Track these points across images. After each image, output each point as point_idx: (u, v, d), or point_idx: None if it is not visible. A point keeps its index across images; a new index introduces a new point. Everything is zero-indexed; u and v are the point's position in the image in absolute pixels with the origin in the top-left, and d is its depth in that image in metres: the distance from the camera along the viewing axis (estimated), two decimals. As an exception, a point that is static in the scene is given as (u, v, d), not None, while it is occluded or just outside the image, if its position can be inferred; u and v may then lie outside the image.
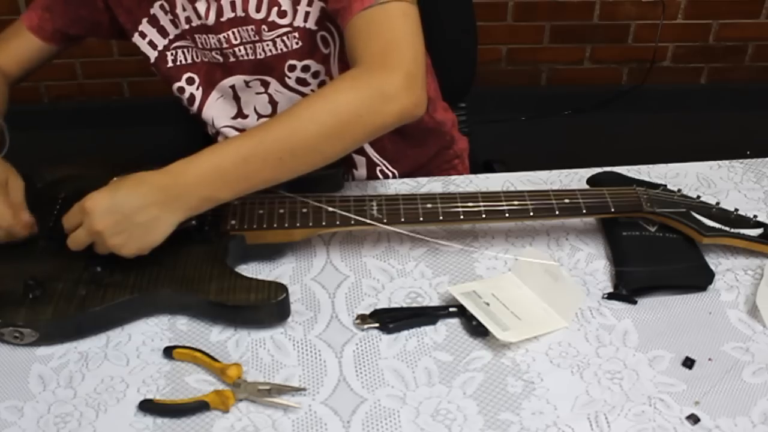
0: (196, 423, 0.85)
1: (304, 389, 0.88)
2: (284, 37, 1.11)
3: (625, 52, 2.68)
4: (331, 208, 1.02)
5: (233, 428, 0.84)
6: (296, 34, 1.11)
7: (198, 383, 0.89)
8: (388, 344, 0.94)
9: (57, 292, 0.93)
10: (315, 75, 1.16)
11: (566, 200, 1.04)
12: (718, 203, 1.07)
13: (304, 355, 0.92)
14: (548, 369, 0.91)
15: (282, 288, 0.94)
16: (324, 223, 1.01)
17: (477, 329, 0.94)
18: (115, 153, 1.11)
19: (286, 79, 1.16)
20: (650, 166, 1.22)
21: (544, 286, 0.99)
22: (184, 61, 1.19)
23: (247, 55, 1.14)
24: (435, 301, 0.99)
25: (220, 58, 1.16)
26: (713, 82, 2.74)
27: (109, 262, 0.95)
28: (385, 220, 1.02)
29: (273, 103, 1.20)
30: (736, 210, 1.06)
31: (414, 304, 0.99)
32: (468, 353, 0.93)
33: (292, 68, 1.15)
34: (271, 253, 1.05)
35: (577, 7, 2.59)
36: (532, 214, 1.03)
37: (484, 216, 1.03)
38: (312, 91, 1.17)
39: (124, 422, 0.84)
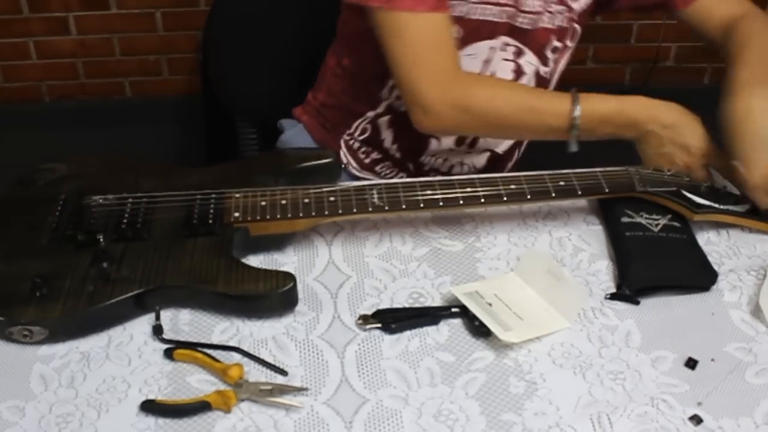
0: (197, 423, 0.84)
1: (306, 389, 0.88)
2: (561, 14, 1.22)
3: (627, 52, 2.68)
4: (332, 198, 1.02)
5: (235, 428, 0.84)
6: (568, 15, 1.23)
7: (200, 383, 0.89)
8: (391, 344, 0.94)
9: (64, 289, 0.93)
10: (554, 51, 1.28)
11: (561, 182, 1.06)
12: (705, 181, 1.11)
13: (306, 356, 0.92)
14: (551, 369, 0.91)
15: (289, 277, 0.94)
16: (326, 213, 1.01)
17: (479, 330, 0.94)
18: (116, 152, 1.11)
19: (546, 52, 1.26)
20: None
21: (547, 287, 0.99)
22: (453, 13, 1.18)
23: (529, 23, 1.22)
24: (437, 302, 0.99)
25: (500, 17, 1.20)
26: (716, 82, 2.72)
27: (115, 258, 0.95)
28: (386, 208, 1.02)
29: (518, 72, 1.26)
30: (724, 187, 1.10)
31: (416, 305, 0.99)
32: (470, 354, 0.93)
33: (551, 46, 1.26)
34: (276, 243, 1.05)
35: (580, 7, 2.58)
36: (529, 197, 1.04)
37: (482, 201, 1.04)
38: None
39: (125, 422, 0.84)
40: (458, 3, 1.16)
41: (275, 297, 0.94)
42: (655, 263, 1.02)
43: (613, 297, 1.00)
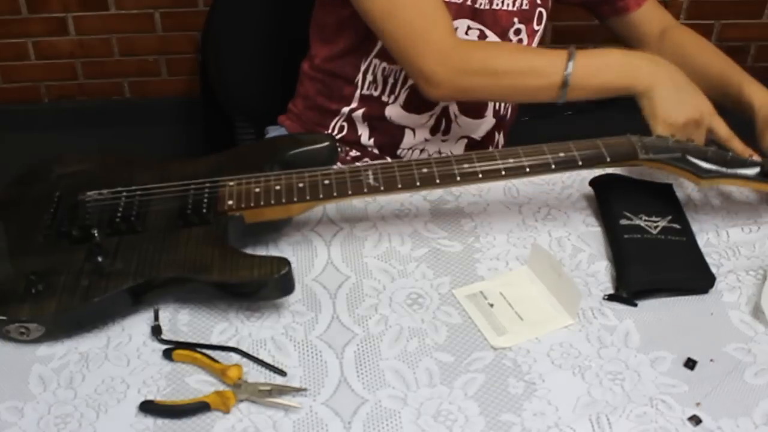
0: (196, 424, 0.84)
1: (305, 390, 0.88)
2: None
3: (627, 52, 2.67)
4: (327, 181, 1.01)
5: (234, 429, 0.84)
6: None
7: (199, 384, 0.89)
8: (389, 345, 0.94)
9: (59, 284, 0.93)
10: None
11: (561, 154, 1.03)
12: (713, 142, 1.08)
13: (305, 356, 0.92)
14: (550, 370, 0.91)
15: (284, 262, 0.93)
16: (321, 196, 1.01)
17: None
18: (115, 152, 1.12)
19: (509, 34, 1.27)
20: (652, 166, 1.22)
21: (551, 282, 0.99)
22: None
23: (488, 3, 1.23)
24: (436, 302, 0.99)
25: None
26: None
27: (110, 252, 0.95)
28: (382, 188, 1.01)
29: None
30: (730, 152, 1.07)
31: (415, 306, 0.99)
32: (469, 354, 0.93)
33: (513, 28, 1.27)
34: (272, 230, 1.05)
35: (579, 8, 2.58)
36: (528, 170, 1.02)
37: (480, 176, 1.02)
38: None
39: (124, 423, 0.84)
40: None
41: (271, 283, 0.93)
42: (653, 266, 1.01)
43: (610, 298, 0.99)
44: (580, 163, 1.03)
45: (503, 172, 1.02)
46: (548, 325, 0.96)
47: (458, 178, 1.02)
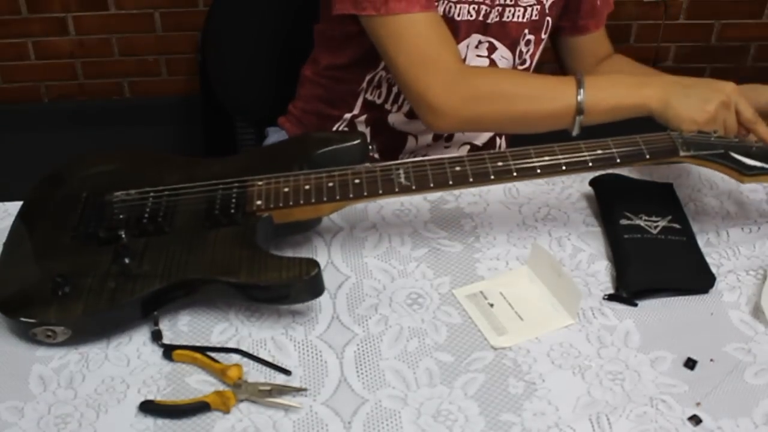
0: (196, 424, 0.84)
1: (305, 390, 0.88)
2: (532, 7, 1.24)
3: (626, 52, 2.65)
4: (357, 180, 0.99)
5: (234, 429, 0.84)
6: (538, 8, 1.25)
7: (199, 384, 0.89)
8: (389, 345, 0.94)
9: (86, 287, 0.92)
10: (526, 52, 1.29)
11: (599, 151, 0.99)
12: (757, 141, 1.03)
13: (305, 356, 0.92)
14: (550, 370, 0.91)
15: (313, 263, 0.92)
16: (351, 195, 0.99)
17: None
18: (139, 150, 1.10)
19: (519, 46, 1.27)
20: (652, 166, 1.22)
21: (552, 282, 0.99)
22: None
23: (498, 16, 1.23)
24: (436, 302, 0.99)
25: (473, 15, 1.21)
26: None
27: (137, 253, 0.94)
28: (413, 187, 0.99)
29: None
30: None
31: (415, 306, 0.99)
32: (469, 354, 0.93)
33: (524, 39, 1.27)
34: (301, 230, 1.04)
35: (579, 7, 2.58)
36: (564, 168, 0.99)
37: (515, 174, 0.99)
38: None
39: (124, 423, 0.84)
40: (438, 3, 1.17)
41: (299, 285, 0.92)
42: (653, 266, 1.01)
43: (610, 298, 1.00)
44: (618, 160, 1.00)
45: (539, 171, 0.99)
46: (548, 325, 0.96)
47: (492, 177, 0.99)
